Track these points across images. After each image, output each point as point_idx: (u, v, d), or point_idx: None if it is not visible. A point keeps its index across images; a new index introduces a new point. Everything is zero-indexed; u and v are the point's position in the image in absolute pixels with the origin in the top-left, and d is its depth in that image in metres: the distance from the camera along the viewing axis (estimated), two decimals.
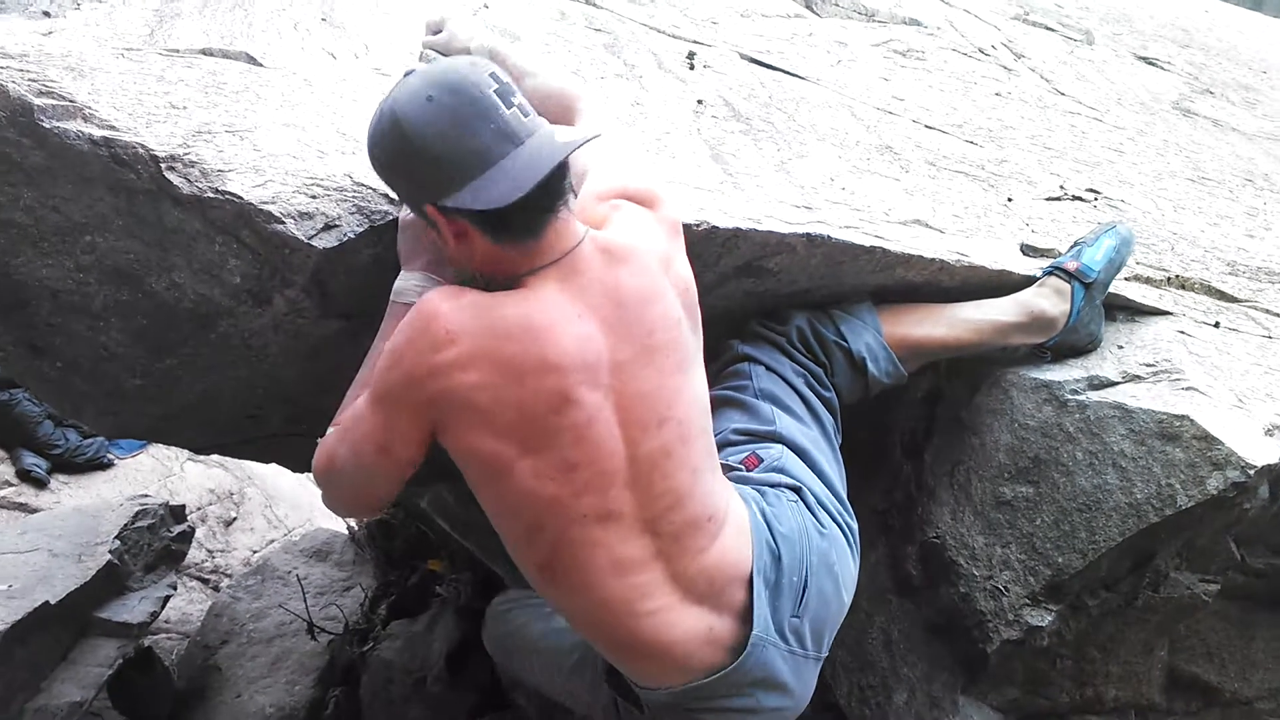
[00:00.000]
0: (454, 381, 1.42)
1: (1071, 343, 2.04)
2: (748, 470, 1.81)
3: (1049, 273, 2.08)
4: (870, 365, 2.02)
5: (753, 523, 1.68)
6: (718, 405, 1.88)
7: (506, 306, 1.45)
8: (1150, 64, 4.43)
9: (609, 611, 1.57)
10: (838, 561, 1.75)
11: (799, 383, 1.96)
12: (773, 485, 1.77)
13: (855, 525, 1.84)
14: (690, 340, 1.62)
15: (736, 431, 1.88)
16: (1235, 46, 5.12)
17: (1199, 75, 4.43)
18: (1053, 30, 4.53)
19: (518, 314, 1.44)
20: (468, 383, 1.42)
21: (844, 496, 1.87)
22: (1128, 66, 4.31)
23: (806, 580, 1.67)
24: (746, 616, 1.62)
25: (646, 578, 1.56)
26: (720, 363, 2.02)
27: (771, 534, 1.67)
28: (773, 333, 2.03)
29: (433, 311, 1.42)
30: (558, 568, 1.56)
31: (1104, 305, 2.08)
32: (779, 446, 1.84)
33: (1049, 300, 2.03)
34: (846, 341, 2.02)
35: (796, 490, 1.77)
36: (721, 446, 1.80)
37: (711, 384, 1.81)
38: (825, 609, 1.71)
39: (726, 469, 1.76)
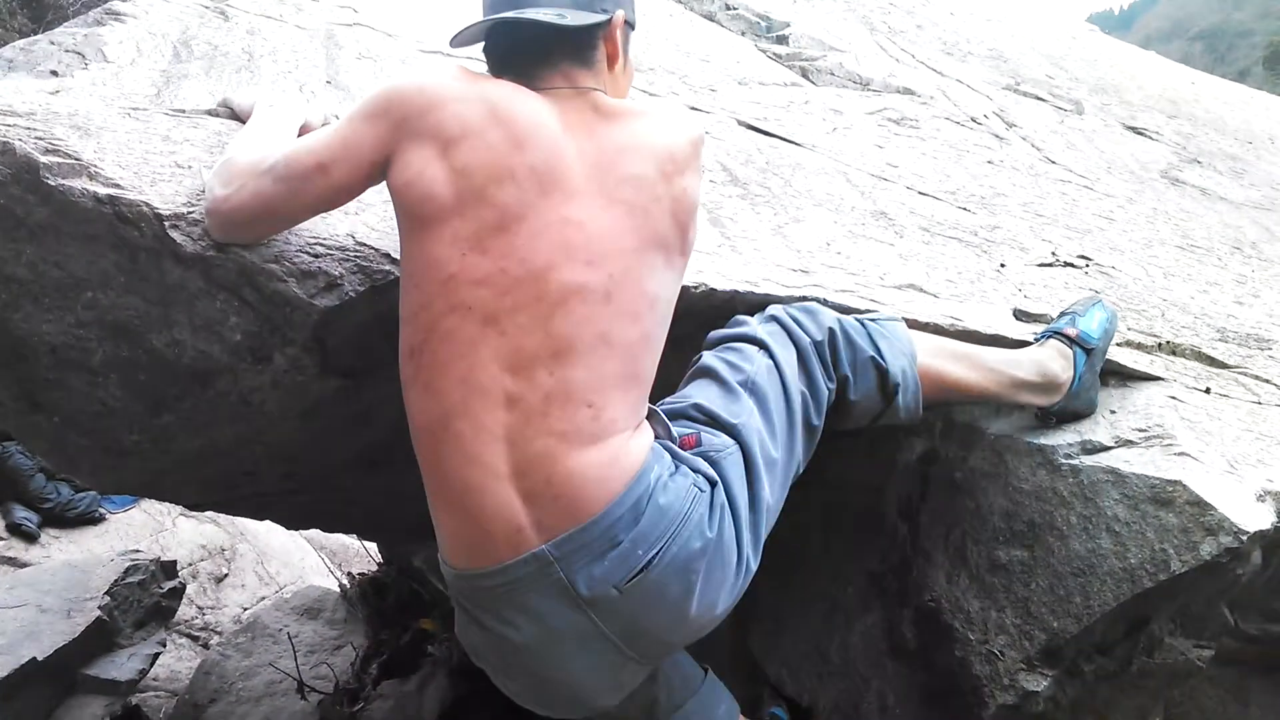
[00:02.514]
0: (446, 110, 1.50)
1: (1074, 409, 2.04)
2: (679, 446, 1.61)
3: (1048, 336, 2.07)
4: (899, 396, 1.84)
5: (638, 473, 1.50)
6: (700, 374, 1.76)
7: (511, 89, 1.58)
8: (1139, 134, 4.51)
9: (442, 434, 1.47)
10: (703, 579, 1.52)
11: (796, 399, 1.74)
12: (693, 468, 1.58)
13: (753, 566, 1.63)
14: (665, 229, 1.59)
15: (698, 408, 1.67)
16: (1221, 117, 5.22)
17: (1187, 145, 4.50)
18: (1043, 100, 4.61)
19: (514, 93, 1.56)
20: (454, 111, 1.50)
21: (761, 535, 1.64)
22: (1117, 136, 4.39)
23: (650, 562, 1.47)
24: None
25: (490, 421, 1.45)
26: (729, 329, 1.84)
27: (649, 496, 1.49)
28: (801, 330, 1.81)
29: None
30: (423, 358, 1.49)
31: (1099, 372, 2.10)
32: (732, 445, 1.62)
33: (1056, 363, 2.01)
34: (884, 361, 1.82)
35: (712, 484, 1.57)
36: (674, 416, 1.66)
37: (709, 345, 1.79)
38: (655, 609, 1.50)
39: (658, 433, 1.61)
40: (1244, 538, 1.75)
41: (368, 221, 1.74)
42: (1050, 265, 2.64)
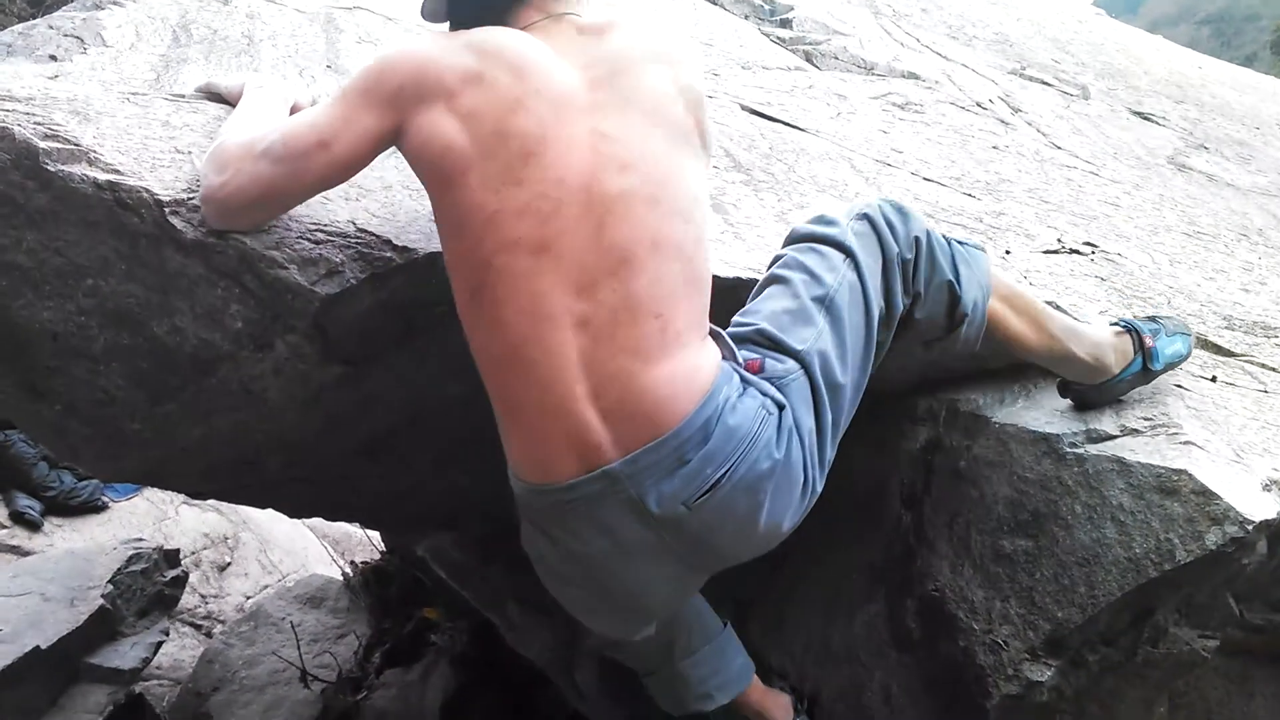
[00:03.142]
0: (439, 66, 1.51)
1: (1093, 399, 2.01)
2: (745, 369, 1.58)
3: (1126, 328, 2.00)
4: (964, 327, 1.77)
5: (708, 393, 1.49)
6: (775, 282, 1.68)
7: (494, 30, 1.59)
8: (1146, 119, 4.48)
9: (513, 363, 1.48)
10: (770, 498, 1.52)
11: (874, 316, 1.66)
12: (761, 390, 1.55)
13: (819, 489, 1.63)
14: (685, 126, 1.60)
15: (763, 334, 1.60)
16: (1228, 102, 5.19)
17: (1193, 130, 4.48)
18: (1049, 85, 4.58)
19: (498, 33, 1.57)
20: (447, 64, 1.51)
21: (827, 458, 1.63)
22: (1123, 121, 4.36)
23: (718, 482, 1.48)
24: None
25: (561, 345, 1.47)
26: (817, 227, 1.72)
27: (718, 416, 1.48)
28: (892, 236, 1.70)
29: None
30: (483, 298, 1.49)
31: None
32: (797, 371, 1.57)
33: (1112, 355, 1.95)
34: (960, 288, 1.74)
35: (780, 408, 1.54)
36: (739, 341, 1.61)
37: (792, 240, 1.73)
38: (722, 526, 1.53)
39: (724, 354, 1.58)
40: (1250, 527, 1.74)
41: (368, 208, 1.73)
42: (1056, 252, 2.63)
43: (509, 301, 1.46)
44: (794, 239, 1.74)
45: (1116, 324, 2.03)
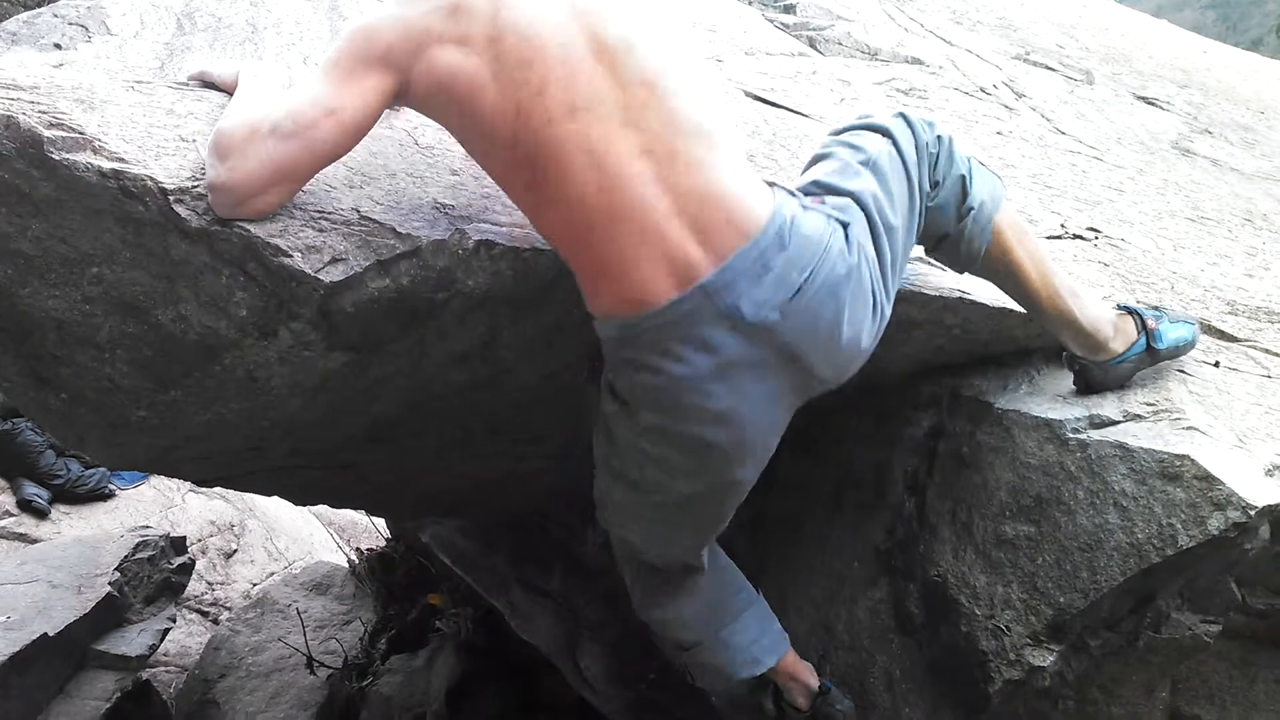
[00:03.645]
0: (415, 13, 1.55)
1: (1093, 378, 2.02)
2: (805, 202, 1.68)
3: (1128, 311, 2.04)
4: (970, 223, 1.87)
5: (775, 207, 1.58)
6: (817, 159, 1.82)
7: None
8: (1150, 104, 4.47)
9: (597, 215, 1.54)
10: (850, 305, 1.61)
11: (914, 179, 1.80)
12: (823, 213, 1.64)
13: (887, 313, 1.72)
14: None
15: (816, 183, 1.73)
16: (1233, 86, 5.17)
17: (1198, 115, 4.46)
18: (1053, 70, 4.57)
19: None
20: (421, 11, 1.54)
21: (890, 287, 1.73)
22: (1127, 106, 4.35)
23: (803, 285, 1.56)
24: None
25: (634, 174, 1.53)
26: (854, 120, 1.88)
27: (790, 225, 1.57)
28: (923, 129, 1.86)
29: None
30: (545, 178, 1.55)
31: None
32: (853, 204, 1.68)
33: (1114, 335, 1.99)
34: (971, 185, 1.87)
35: (844, 225, 1.63)
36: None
37: (832, 134, 1.86)
38: (812, 333, 1.59)
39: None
40: (1252, 512, 1.74)
41: (372, 195, 1.73)
42: (1059, 238, 2.63)
43: (570, 168, 1.53)
44: (832, 134, 1.88)
45: (1119, 307, 2.04)
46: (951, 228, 1.89)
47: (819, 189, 1.71)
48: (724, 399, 1.60)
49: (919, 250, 2.02)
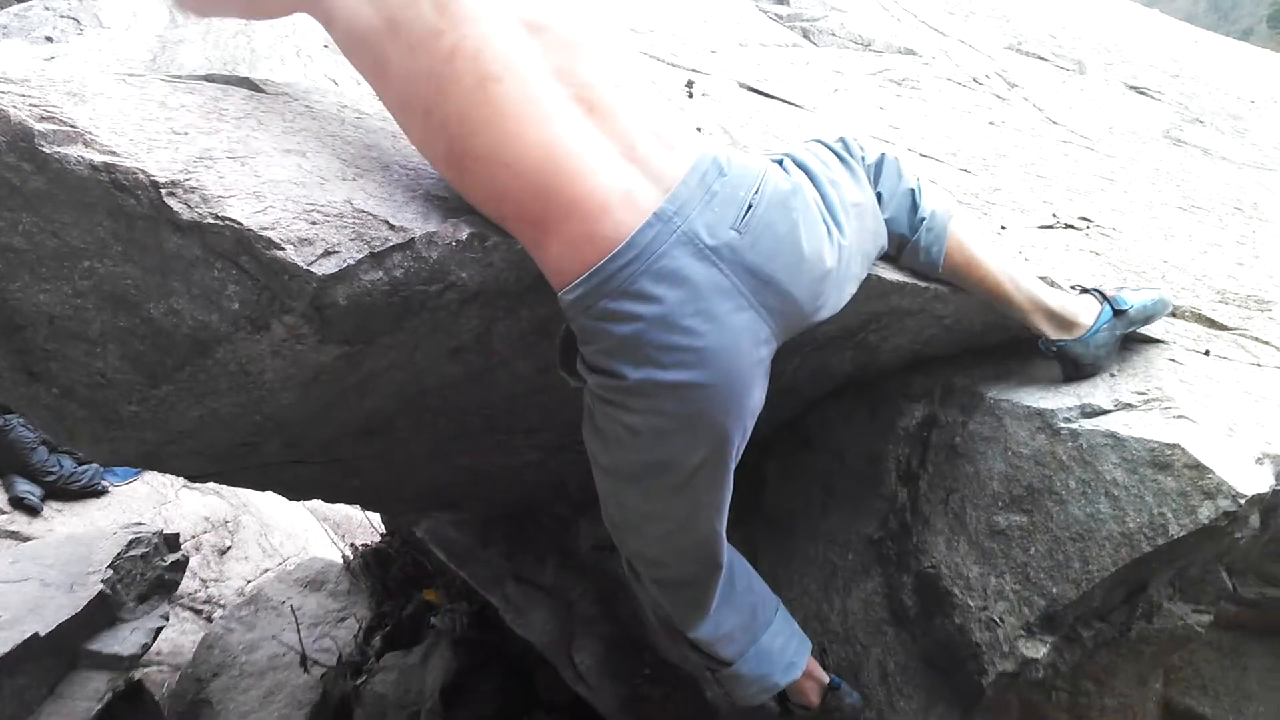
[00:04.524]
0: None
1: (1077, 356, 2.04)
2: None
3: (1085, 291, 2.12)
4: (924, 232, 1.99)
5: (708, 143, 1.65)
6: None
7: None
8: (1141, 93, 4.48)
9: (542, 166, 1.56)
10: (802, 218, 1.66)
11: (850, 162, 1.90)
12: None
13: (844, 244, 1.76)
14: None
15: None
16: (1224, 77, 5.18)
17: (1189, 104, 4.47)
18: (1045, 60, 4.58)
19: None
20: None
21: (840, 221, 1.76)
22: (1119, 96, 4.36)
23: (754, 202, 1.61)
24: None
25: (571, 120, 1.57)
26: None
27: (726, 156, 1.63)
28: (858, 148, 1.97)
29: None
30: (465, 149, 1.58)
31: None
32: (783, 157, 1.81)
33: (1079, 306, 2.05)
34: (919, 196, 2.00)
35: (777, 162, 1.75)
36: None
37: None
38: (772, 249, 1.61)
39: None
40: (1242, 501, 1.75)
41: (365, 188, 1.73)
42: (1051, 227, 2.63)
43: (505, 129, 1.55)
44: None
45: (1074, 288, 2.15)
46: (908, 237, 2.01)
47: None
48: (705, 334, 1.58)
49: None
